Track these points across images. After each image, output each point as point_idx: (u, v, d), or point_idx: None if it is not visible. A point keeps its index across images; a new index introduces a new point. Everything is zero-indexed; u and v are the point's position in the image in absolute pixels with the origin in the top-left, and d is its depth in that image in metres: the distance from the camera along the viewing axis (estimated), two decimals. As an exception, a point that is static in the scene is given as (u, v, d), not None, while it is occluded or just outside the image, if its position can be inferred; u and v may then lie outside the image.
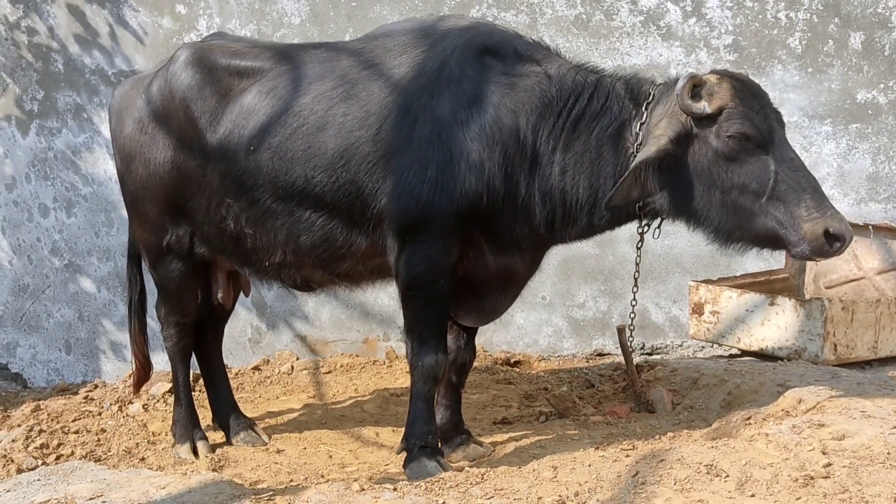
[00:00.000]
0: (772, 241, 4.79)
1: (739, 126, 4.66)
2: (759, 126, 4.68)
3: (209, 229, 5.54)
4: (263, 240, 5.35)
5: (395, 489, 4.30)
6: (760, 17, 7.23)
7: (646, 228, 5.08)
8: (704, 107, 4.69)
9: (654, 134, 4.74)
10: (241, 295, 6.28)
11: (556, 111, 4.92)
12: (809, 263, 7.07)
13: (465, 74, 4.97)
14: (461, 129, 4.89)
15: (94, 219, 7.98)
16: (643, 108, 4.86)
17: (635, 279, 5.41)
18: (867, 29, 7.15)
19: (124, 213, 7.73)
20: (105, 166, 7.92)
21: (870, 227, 6.98)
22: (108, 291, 8.02)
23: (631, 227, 7.33)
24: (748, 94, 4.74)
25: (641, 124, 4.84)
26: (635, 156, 4.76)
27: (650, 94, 4.88)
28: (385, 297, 7.50)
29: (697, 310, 6.79)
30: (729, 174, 4.71)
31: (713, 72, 4.85)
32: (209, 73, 5.43)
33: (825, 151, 7.23)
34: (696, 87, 4.71)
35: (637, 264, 5.33)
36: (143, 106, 5.69)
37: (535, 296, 7.47)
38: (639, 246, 5.22)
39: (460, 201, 4.87)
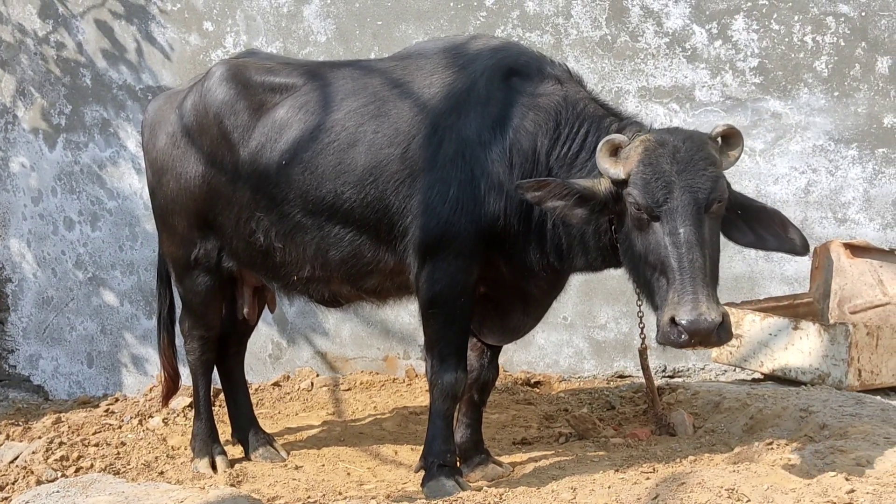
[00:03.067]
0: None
1: (634, 194, 4.43)
2: (653, 195, 4.38)
3: (238, 243, 5.57)
4: (292, 254, 5.37)
5: (412, 507, 4.29)
6: (787, 40, 7.21)
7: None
8: (619, 171, 4.49)
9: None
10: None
11: (564, 136, 4.89)
12: (834, 287, 7.02)
13: (492, 96, 5.00)
14: (484, 150, 4.92)
15: (119, 233, 8.03)
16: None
17: (640, 318, 5.35)
18: (894, 53, 7.11)
19: (148, 227, 7.81)
20: (130, 181, 7.97)
21: (895, 252, 6.93)
22: (131, 305, 8.06)
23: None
24: (658, 159, 4.42)
25: None
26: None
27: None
28: (406, 314, 7.49)
29: (720, 333, 6.73)
30: (637, 242, 4.51)
31: (651, 131, 4.64)
32: (244, 88, 5.48)
33: (851, 176, 7.19)
34: (616, 149, 4.54)
35: (639, 307, 5.16)
36: (176, 120, 5.74)
37: (556, 316, 7.45)
38: (639, 304, 5.02)
39: (479, 222, 4.89)
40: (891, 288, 6.96)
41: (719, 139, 4.55)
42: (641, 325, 5.45)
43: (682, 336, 4.20)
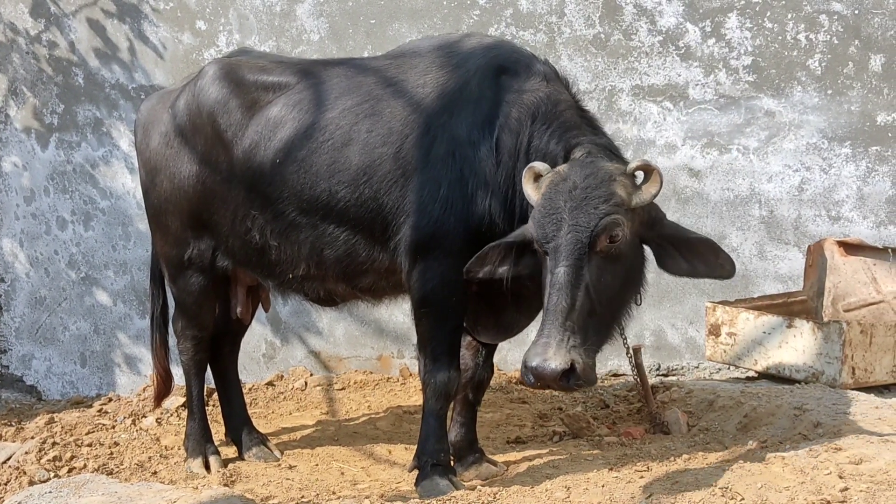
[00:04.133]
0: None
1: (530, 226, 4.46)
2: (544, 231, 4.37)
3: (234, 242, 5.56)
4: (287, 252, 5.37)
5: (406, 507, 4.28)
6: (780, 38, 7.21)
7: None
8: (536, 200, 4.49)
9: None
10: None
11: (537, 134, 4.87)
12: (828, 285, 7.02)
13: (483, 95, 5.00)
14: (473, 149, 4.92)
15: (112, 232, 8.01)
16: None
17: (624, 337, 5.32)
18: (887, 51, 7.12)
19: (141, 226, 7.80)
20: (123, 180, 7.95)
21: (889, 250, 6.93)
22: (124, 305, 8.04)
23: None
24: (556, 194, 4.40)
25: None
26: None
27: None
28: (400, 314, 7.48)
29: (714, 331, 6.74)
30: (542, 274, 4.48)
31: (572, 161, 4.60)
32: (237, 87, 5.47)
33: (844, 174, 7.19)
34: (538, 177, 4.53)
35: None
36: (169, 120, 5.72)
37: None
38: None
39: (468, 221, 4.89)
40: (884, 286, 6.97)
41: (635, 174, 4.49)
42: (624, 336, 5.40)
43: (529, 377, 4.18)
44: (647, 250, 4.64)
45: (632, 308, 4.69)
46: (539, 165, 4.56)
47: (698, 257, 4.57)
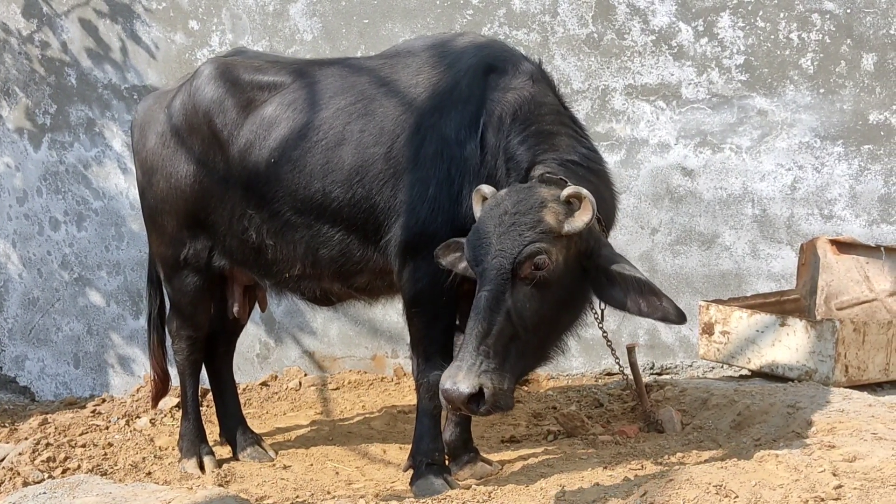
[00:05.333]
0: None
1: (465, 251, 4.43)
2: (473, 253, 4.35)
3: (231, 241, 5.56)
4: (283, 251, 5.37)
5: (401, 506, 4.28)
6: (772, 37, 7.23)
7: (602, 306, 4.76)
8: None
9: None
10: (250, 310, 6.29)
11: (515, 131, 4.85)
12: (821, 283, 7.04)
13: (472, 94, 5.00)
14: (461, 148, 4.93)
15: (105, 233, 7.99)
16: None
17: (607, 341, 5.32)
18: (879, 50, 7.14)
19: (134, 227, 7.79)
20: (116, 180, 7.94)
21: (882, 248, 6.95)
22: (118, 305, 8.03)
23: (642, 246, 7.35)
24: (487, 220, 4.37)
25: None
26: None
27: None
28: (394, 313, 7.48)
29: (707, 330, 6.75)
30: None
31: (511, 187, 4.51)
32: (232, 86, 5.47)
33: (837, 172, 7.21)
34: (485, 199, 4.51)
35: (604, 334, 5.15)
36: (165, 120, 5.72)
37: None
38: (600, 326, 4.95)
39: (456, 221, 4.89)
40: (877, 284, 6.98)
41: (569, 201, 4.36)
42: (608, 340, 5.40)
43: (442, 399, 4.16)
44: None
45: (571, 332, 4.61)
46: (485, 189, 4.53)
47: (639, 296, 4.44)
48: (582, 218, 4.31)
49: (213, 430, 6.23)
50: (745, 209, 7.32)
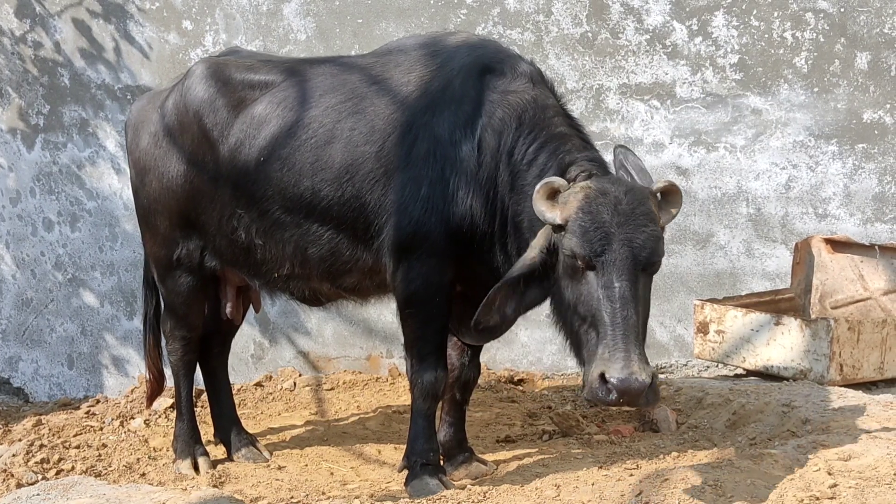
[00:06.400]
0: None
1: (571, 241, 4.25)
2: (591, 245, 4.20)
3: (221, 241, 5.54)
4: (272, 251, 5.35)
5: (396, 507, 4.27)
6: (766, 36, 7.23)
7: None
8: (556, 216, 4.32)
9: (532, 242, 4.53)
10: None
11: (523, 139, 4.81)
12: (815, 282, 7.04)
13: (466, 94, 4.97)
14: (455, 149, 4.90)
15: (98, 233, 7.97)
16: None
17: None
18: (873, 49, 7.14)
19: (128, 227, 7.77)
20: (110, 181, 7.92)
21: (876, 247, 6.96)
22: (112, 306, 8.01)
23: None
24: (600, 208, 4.24)
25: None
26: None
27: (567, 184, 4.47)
28: (388, 313, 7.47)
29: (702, 329, 6.75)
30: (568, 291, 4.36)
31: (595, 178, 4.46)
32: (223, 86, 5.46)
33: (831, 171, 7.22)
34: (555, 193, 4.36)
35: None
36: (158, 120, 5.71)
37: (538, 314, 7.37)
38: None
39: (449, 221, 4.86)
40: (872, 283, 6.99)
41: (659, 195, 4.42)
42: None
43: (611, 395, 4.01)
44: None
45: None
46: (557, 180, 4.40)
47: None
48: (672, 210, 4.42)
49: (207, 431, 6.22)
50: (740, 208, 7.32)
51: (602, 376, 4.03)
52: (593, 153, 4.83)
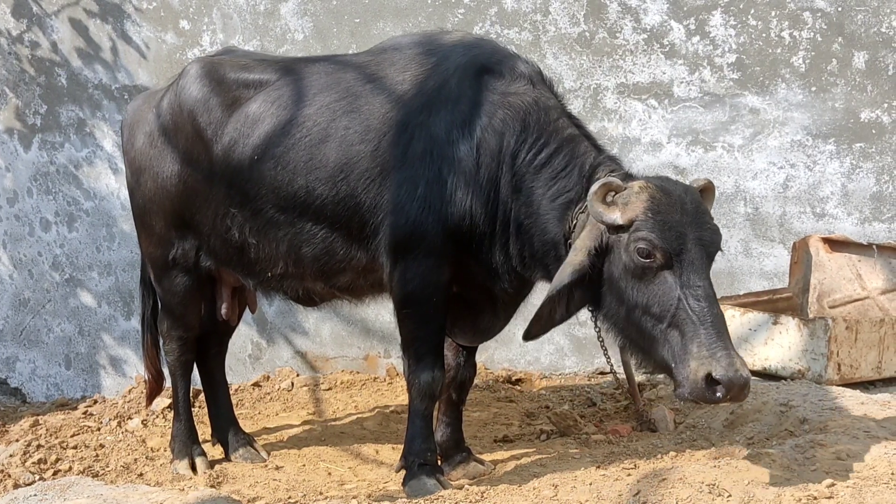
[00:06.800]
0: (667, 371, 4.36)
1: (644, 242, 4.28)
2: (668, 244, 4.27)
3: (215, 241, 5.54)
4: (266, 250, 5.34)
5: (394, 507, 4.27)
6: (764, 35, 7.23)
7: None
8: (616, 217, 4.36)
9: (575, 245, 4.53)
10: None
11: (531, 142, 4.82)
12: (813, 281, 7.04)
13: (462, 94, 4.95)
14: (452, 148, 4.87)
15: (96, 233, 7.97)
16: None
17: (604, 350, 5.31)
18: (871, 48, 7.14)
19: (125, 227, 7.76)
20: (107, 181, 7.91)
21: (874, 246, 6.96)
22: (109, 306, 8.00)
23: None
24: (668, 208, 4.33)
25: (580, 213, 4.63)
26: (563, 256, 4.59)
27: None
28: (386, 313, 7.47)
29: (700, 328, 6.74)
30: (633, 292, 4.38)
31: (644, 178, 4.53)
32: (218, 85, 5.45)
33: (829, 171, 7.22)
34: (612, 193, 4.41)
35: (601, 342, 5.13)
36: (153, 120, 5.71)
37: (530, 313, 7.43)
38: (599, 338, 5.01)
39: (447, 221, 4.85)
40: (869, 282, 6.99)
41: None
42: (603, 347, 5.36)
43: (718, 393, 4.08)
44: None
45: None
46: (614, 181, 4.42)
47: None
48: (709, 207, 4.59)
49: (205, 431, 6.21)
50: (738, 207, 7.32)
51: (709, 376, 4.09)
52: (609, 153, 4.90)
